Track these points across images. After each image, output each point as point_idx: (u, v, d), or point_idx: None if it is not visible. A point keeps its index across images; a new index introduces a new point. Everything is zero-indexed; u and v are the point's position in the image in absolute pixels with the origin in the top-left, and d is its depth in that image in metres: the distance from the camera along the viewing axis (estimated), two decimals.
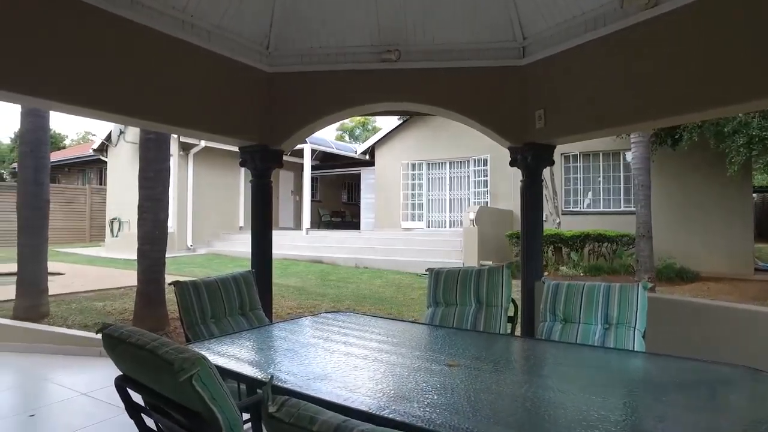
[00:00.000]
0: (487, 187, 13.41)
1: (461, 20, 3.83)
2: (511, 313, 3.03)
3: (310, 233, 13.84)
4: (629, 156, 10.01)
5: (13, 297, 5.61)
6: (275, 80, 4.10)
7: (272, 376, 1.83)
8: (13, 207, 18.08)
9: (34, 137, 5.79)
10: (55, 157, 21.47)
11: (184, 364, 1.26)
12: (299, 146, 14.05)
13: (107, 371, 4.76)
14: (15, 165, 26.55)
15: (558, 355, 2.35)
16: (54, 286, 6.63)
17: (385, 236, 12.92)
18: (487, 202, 13.25)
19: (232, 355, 2.18)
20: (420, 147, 14.73)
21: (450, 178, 14.47)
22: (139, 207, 5.56)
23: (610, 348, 2.46)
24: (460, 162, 14.19)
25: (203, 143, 14.06)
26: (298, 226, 17.04)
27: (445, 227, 14.27)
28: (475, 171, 13.72)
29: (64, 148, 29.49)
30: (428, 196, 14.74)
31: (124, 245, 13.77)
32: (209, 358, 1.34)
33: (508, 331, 2.97)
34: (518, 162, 3.93)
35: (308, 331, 2.69)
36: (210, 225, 14.55)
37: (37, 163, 5.75)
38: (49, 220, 5.86)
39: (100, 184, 20.95)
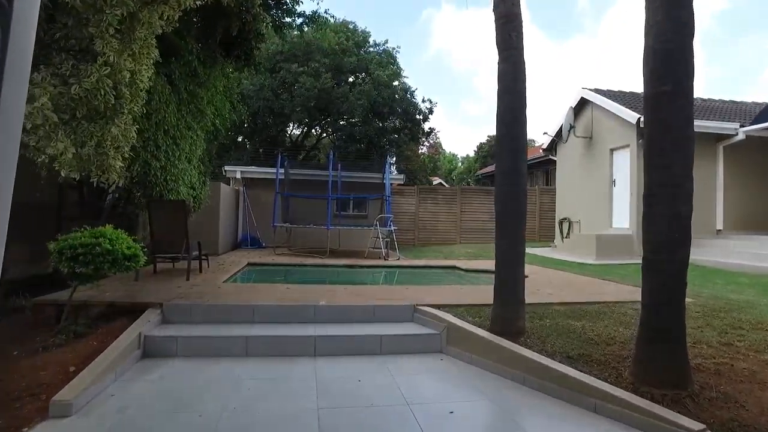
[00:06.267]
0: None
1: None
2: None
3: None
4: None
5: (491, 302, 4.83)
6: None
7: None
8: (475, 208, 19.81)
9: (511, 117, 4.89)
10: None
11: None
12: None
13: None
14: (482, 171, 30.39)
15: None
16: None
17: None
18: None
19: None
20: None
21: None
22: (646, 196, 3.70)
23: None
24: None
25: None
26: None
27: None
28: None
29: None
30: None
31: (575, 247, 12.67)
32: None
33: None
34: None
35: None
36: None
37: (513, 145, 4.83)
38: (526, 216, 4.83)
39: (547, 185, 21.11)
